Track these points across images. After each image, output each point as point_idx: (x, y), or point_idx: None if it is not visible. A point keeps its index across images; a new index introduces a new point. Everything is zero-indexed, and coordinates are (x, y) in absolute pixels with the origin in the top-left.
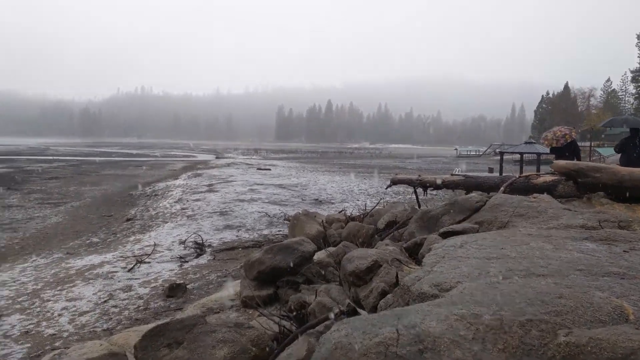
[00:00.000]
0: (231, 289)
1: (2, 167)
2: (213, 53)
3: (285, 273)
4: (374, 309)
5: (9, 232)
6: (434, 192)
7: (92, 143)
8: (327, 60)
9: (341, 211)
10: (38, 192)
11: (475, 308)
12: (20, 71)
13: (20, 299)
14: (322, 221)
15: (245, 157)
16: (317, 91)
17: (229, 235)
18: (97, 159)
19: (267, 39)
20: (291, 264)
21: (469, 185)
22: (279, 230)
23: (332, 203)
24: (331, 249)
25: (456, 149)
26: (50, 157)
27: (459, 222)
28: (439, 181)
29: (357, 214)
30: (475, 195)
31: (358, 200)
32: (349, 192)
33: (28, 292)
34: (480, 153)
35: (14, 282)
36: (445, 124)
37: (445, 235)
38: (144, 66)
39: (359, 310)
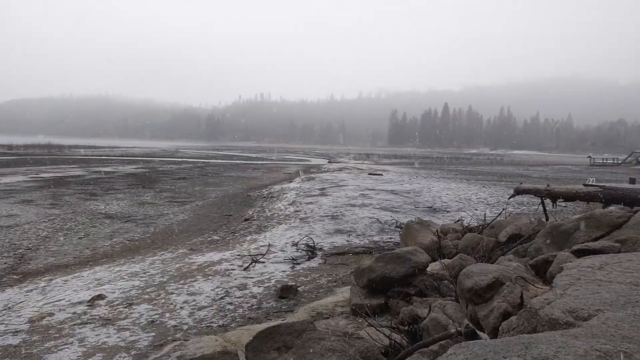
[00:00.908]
0: (341, 295)
1: (139, 168)
2: (327, 60)
3: (397, 283)
4: (494, 332)
5: (142, 227)
6: (564, 204)
7: (216, 146)
8: (444, 64)
9: (457, 221)
10: (168, 191)
11: (622, 344)
12: (156, 82)
13: (149, 290)
14: (437, 231)
15: (357, 161)
16: (432, 95)
17: (339, 240)
18: (219, 161)
19: (383, 46)
20: (403, 274)
21: (607, 197)
22: (390, 238)
23: (448, 212)
24: (446, 261)
25: (590, 157)
26: (179, 159)
27: (596, 239)
28: (571, 192)
29: (476, 224)
30: (615, 209)
31: (476, 209)
32: (466, 201)
33: (155, 283)
34: (619, 162)
35: (144, 273)
36: (577, 129)
37: (580, 253)
38: (264, 75)
39: (478, 333)
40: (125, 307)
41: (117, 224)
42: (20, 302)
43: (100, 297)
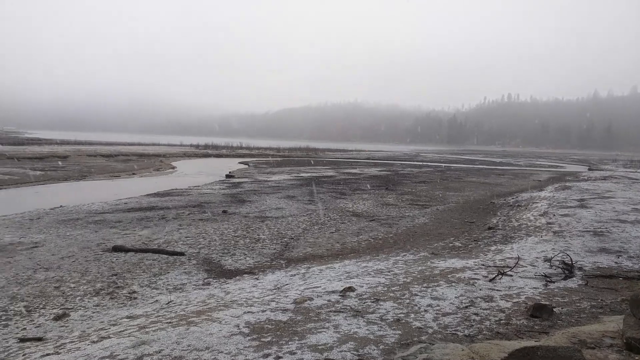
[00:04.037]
0: (610, 324)
1: (382, 170)
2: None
3: None
4: None
5: (385, 227)
6: None
7: (457, 150)
8: None
9: None
10: (409, 194)
11: None
12: (401, 87)
13: (394, 288)
14: None
15: (627, 169)
16: None
17: (605, 260)
18: (461, 165)
19: None
20: None
21: None
22: None
23: None
24: None
25: None
26: (420, 163)
27: None
28: None
29: None
30: None
31: None
32: None
33: (399, 283)
34: None
35: (389, 272)
36: None
37: None
38: (511, 74)
39: None
40: (372, 302)
41: (363, 222)
42: (287, 285)
43: (350, 289)
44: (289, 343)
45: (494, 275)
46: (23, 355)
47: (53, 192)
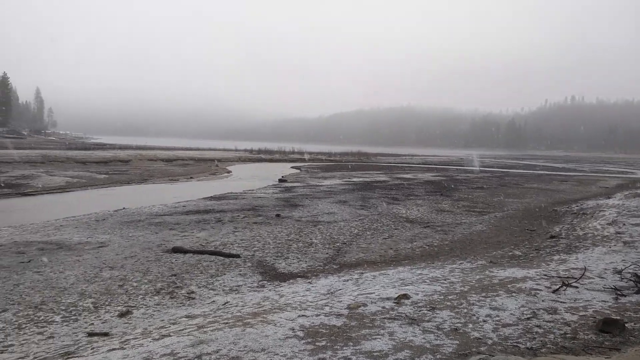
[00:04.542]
0: None
1: (436, 176)
2: None
3: None
4: None
5: (440, 234)
6: None
7: (516, 155)
8: None
9: None
10: (465, 200)
11: None
12: (456, 91)
13: (450, 297)
14: None
15: None
16: None
17: None
18: (520, 171)
19: None
20: None
21: None
22: None
23: None
24: None
25: None
26: (475, 168)
27: None
28: None
29: None
30: None
31: None
32: None
33: (456, 292)
34: None
35: (445, 280)
36: None
37: None
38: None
39: None
40: (428, 310)
41: (417, 228)
42: (340, 290)
43: (405, 296)
44: (344, 348)
45: (557, 287)
46: (92, 348)
47: (116, 194)
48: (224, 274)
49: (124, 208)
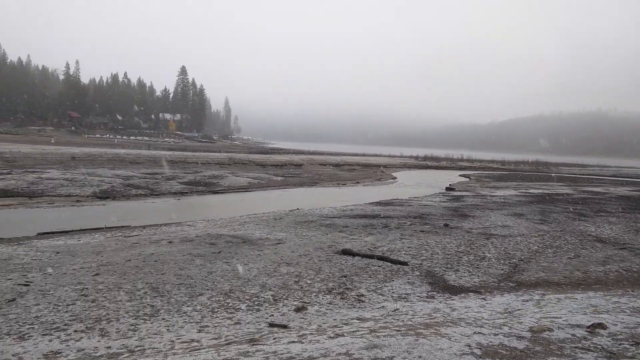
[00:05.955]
0: None
1: (635, 190)
2: None
3: None
4: None
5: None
6: None
7: None
8: None
9: None
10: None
11: None
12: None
13: None
14: None
15: None
16: None
17: None
18: None
19: None
20: None
21: None
22: None
23: None
24: None
25: None
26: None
27: None
28: None
29: None
30: None
31: None
32: None
33: None
34: None
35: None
36: None
37: None
38: None
39: None
40: (631, 345)
41: (610, 249)
42: (519, 310)
43: (600, 325)
44: None
45: None
46: (273, 338)
47: (290, 195)
48: (392, 280)
49: (297, 209)
